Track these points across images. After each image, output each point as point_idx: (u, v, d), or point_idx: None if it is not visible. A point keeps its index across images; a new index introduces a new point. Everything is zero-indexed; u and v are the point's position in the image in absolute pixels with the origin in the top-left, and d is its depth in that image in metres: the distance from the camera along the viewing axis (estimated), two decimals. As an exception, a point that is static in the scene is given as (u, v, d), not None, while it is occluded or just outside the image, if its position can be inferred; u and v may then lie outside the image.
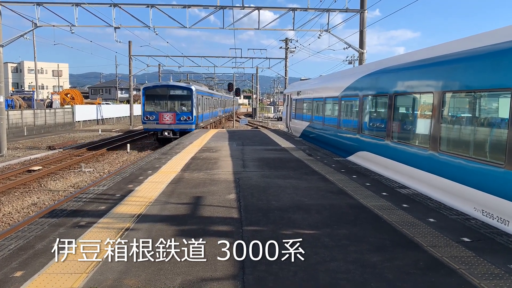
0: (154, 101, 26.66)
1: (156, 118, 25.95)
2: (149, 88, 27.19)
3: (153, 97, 26.66)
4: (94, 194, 7.77)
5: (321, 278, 4.24)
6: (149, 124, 26.38)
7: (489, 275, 4.29)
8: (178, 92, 26.81)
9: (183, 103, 26.66)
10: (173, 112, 26.14)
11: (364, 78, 12.25)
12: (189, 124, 26.15)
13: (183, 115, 26.10)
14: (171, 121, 25.92)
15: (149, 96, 26.57)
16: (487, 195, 6.29)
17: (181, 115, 26.12)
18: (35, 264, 4.48)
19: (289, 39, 43.74)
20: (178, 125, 26.05)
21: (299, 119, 21.99)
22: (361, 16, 21.35)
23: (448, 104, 7.81)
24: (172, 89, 26.88)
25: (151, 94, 26.62)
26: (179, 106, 26.66)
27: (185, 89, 26.92)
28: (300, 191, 8.19)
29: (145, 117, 26.22)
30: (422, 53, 9.04)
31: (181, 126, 25.93)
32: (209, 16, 22.78)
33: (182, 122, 26.04)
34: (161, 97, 26.63)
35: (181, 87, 27.13)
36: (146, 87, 27.21)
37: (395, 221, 6.19)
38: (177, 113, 26.08)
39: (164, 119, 25.93)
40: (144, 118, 26.40)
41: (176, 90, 26.85)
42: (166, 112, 26.07)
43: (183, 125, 25.98)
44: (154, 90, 26.80)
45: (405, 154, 9.09)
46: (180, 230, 5.70)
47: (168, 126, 25.96)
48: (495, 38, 6.54)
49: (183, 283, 4.09)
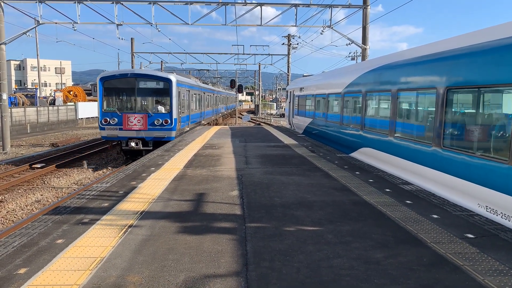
0: (116, 97, 19.33)
1: (119, 121, 18.37)
2: (108, 78, 19.02)
3: (114, 91, 19.19)
4: (97, 191, 7.79)
5: (325, 274, 4.23)
6: (109, 131, 18.56)
7: (493, 272, 4.28)
8: (151, 85, 18.89)
9: (159, 100, 19.16)
10: (143, 113, 18.52)
11: (367, 74, 12.21)
12: (167, 130, 18.59)
13: (158, 118, 18.48)
14: (140, 126, 18.30)
15: (109, 90, 19.06)
16: (491, 191, 6.27)
17: (156, 117, 18.51)
18: (39, 261, 4.50)
19: (291, 36, 43.64)
20: (151, 132, 18.48)
21: (302, 116, 21.95)
22: (364, 12, 21.27)
23: (452, 100, 7.76)
24: (141, 79, 18.76)
25: (112, 87, 19.02)
26: (153, 105, 19.20)
27: (161, 80, 19.01)
28: (303, 187, 8.18)
29: (103, 120, 18.52)
30: (426, 49, 8.99)
31: (155, 133, 18.47)
32: (211, 13, 22.75)
33: (156, 127, 18.43)
34: (126, 91, 19.13)
35: (155, 77, 19.08)
36: (104, 77, 19.02)
37: (399, 217, 6.17)
38: (149, 115, 18.46)
39: (131, 123, 18.33)
40: (101, 122, 18.58)
41: (148, 81, 18.86)
42: (133, 114, 18.44)
43: (158, 132, 18.51)
44: (116, 81, 18.97)
45: (409, 150, 9.06)
46: (183, 226, 5.71)
47: (136, 134, 18.37)
48: (499, 33, 6.49)
49: (186, 280, 4.09)
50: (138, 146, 18.47)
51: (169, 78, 19.04)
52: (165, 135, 18.57)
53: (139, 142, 18.49)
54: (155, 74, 19.37)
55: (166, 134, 18.58)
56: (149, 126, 18.48)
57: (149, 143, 18.61)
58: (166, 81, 18.96)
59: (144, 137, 18.50)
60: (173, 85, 18.91)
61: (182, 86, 21.02)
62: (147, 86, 18.88)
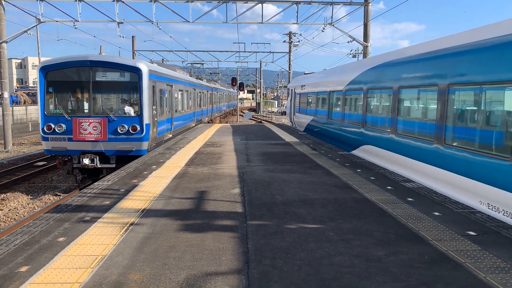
0: (64, 94, 13.81)
1: (68, 129, 12.96)
2: (52, 67, 13.43)
3: (61, 85, 13.67)
4: (99, 189, 7.80)
5: (326, 272, 4.23)
6: (54, 142, 13.14)
7: (495, 269, 4.27)
8: (113, 76, 13.46)
9: (125, 99, 13.78)
10: (102, 116, 13.07)
11: (368, 72, 12.18)
12: (135, 140, 13.23)
13: (122, 123, 13.12)
14: (97, 135, 12.94)
15: (54, 84, 13.50)
16: (493, 188, 6.25)
17: (119, 122, 13.13)
18: (40, 259, 4.50)
19: (292, 33, 43.57)
20: (113, 144, 13.13)
21: (303, 113, 21.93)
22: (365, 9, 21.22)
23: (453, 97, 7.74)
24: (100, 69, 13.34)
25: (58, 81, 13.49)
26: (118, 104, 13.86)
27: (126, 69, 13.46)
28: (304, 185, 8.17)
29: (46, 127, 13.11)
30: (427, 46, 8.96)
31: (119, 145, 13.14)
32: (212, 10, 22.72)
33: (121, 137, 13.13)
34: (78, 85, 13.68)
35: (118, 66, 13.40)
36: (46, 66, 13.46)
37: (400, 215, 6.16)
38: (111, 120, 13.02)
39: (84, 131, 12.92)
40: (43, 130, 13.17)
41: (109, 71, 13.39)
42: (88, 118, 13.02)
43: (123, 144, 13.13)
44: (63, 72, 13.41)
45: (410, 147, 9.04)
46: (184, 224, 5.71)
47: (92, 146, 13.05)
48: (501, 29, 6.46)
49: (187, 278, 4.09)
50: (94, 163, 12.96)
51: (138, 67, 13.36)
52: (133, 148, 13.11)
53: (95, 158, 12.97)
54: (118, 62, 13.41)
55: (133, 147, 13.13)
56: (110, 135, 13.01)
57: (110, 159, 13.14)
58: (133, 71, 13.34)
59: (103, 150, 13.02)
60: (143, 77, 13.35)
61: (160, 80, 15.65)
62: (108, 79, 13.33)
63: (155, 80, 14.66)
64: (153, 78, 14.40)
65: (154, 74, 14.70)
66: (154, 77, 14.58)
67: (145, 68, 13.64)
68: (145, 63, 14.49)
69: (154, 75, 14.78)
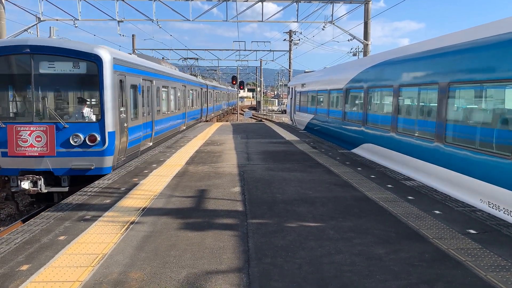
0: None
1: (1, 139, 9.47)
2: None
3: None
4: (99, 187, 7.81)
5: (326, 270, 4.23)
6: None
7: (496, 267, 4.27)
8: (63, 67, 9.84)
9: (83, 98, 10.36)
10: (47, 123, 9.59)
11: (369, 70, 12.17)
12: (94, 154, 9.80)
13: (77, 132, 9.69)
14: (42, 148, 9.48)
15: None
16: (494, 186, 6.25)
17: (72, 130, 9.68)
18: (41, 258, 4.51)
19: (293, 31, 43.52)
20: (64, 160, 9.65)
21: (304, 112, 21.93)
22: (365, 7, 21.18)
23: (454, 95, 7.73)
24: (43, 56, 9.78)
25: None
26: (72, 106, 10.45)
27: (80, 57, 9.83)
28: (304, 183, 8.17)
29: None
30: (428, 44, 8.95)
31: (73, 161, 9.66)
32: (212, 9, 22.68)
33: (74, 150, 9.69)
34: (13, 80, 10.10)
35: (68, 53, 9.77)
36: None
37: (401, 213, 6.16)
38: (60, 127, 9.62)
39: (24, 142, 9.43)
40: None
41: (57, 60, 9.80)
42: (29, 125, 9.51)
43: (78, 160, 9.68)
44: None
45: (411, 146, 9.03)
46: (185, 223, 5.71)
47: (36, 163, 9.54)
48: (501, 28, 6.45)
49: (188, 276, 4.09)
50: (38, 187, 9.35)
51: (96, 54, 9.69)
52: (91, 165, 9.53)
53: (39, 180, 9.33)
54: (69, 47, 9.70)
55: (92, 163, 9.55)
56: (59, 148, 9.50)
57: (62, 180, 9.70)
58: (91, 60, 9.71)
59: (50, 169, 9.51)
60: (105, 67, 9.75)
61: (133, 72, 11.93)
62: (56, 71, 9.74)
63: (124, 73, 10.99)
64: (121, 69, 10.75)
65: (122, 64, 10.92)
66: (122, 69, 10.92)
67: (107, 56, 9.82)
68: (108, 48, 10.35)
69: (123, 65, 11.00)
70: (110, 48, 10.69)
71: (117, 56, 10.69)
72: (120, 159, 10.57)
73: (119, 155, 10.42)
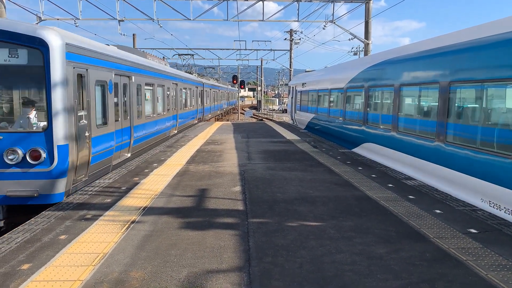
0: None
1: None
2: None
3: None
4: (100, 187, 7.80)
5: (327, 269, 4.23)
6: None
7: (497, 266, 4.26)
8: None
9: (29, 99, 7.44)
10: None
11: (369, 69, 12.16)
12: (39, 177, 6.83)
13: (14, 146, 6.76)
14: None
15: None
16: (495, 186, 6.24)
17: (7, 143, 6.75)
18: (42, 257, 4.51)
19: (293, 31, 43.47)
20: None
21: (304, 111, 21.92)
22: (366, 7, 21.16)
23: (455, 94, 7.72)
24: None
25: None
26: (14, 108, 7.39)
27: (19, 42, 6.89)
28: (305, 183, 8.17)
29: None
30: (428, 43, 8.94)
31: (8, 186, 6.73)
32: (213, 8, 22.67)
33: (10, 170, 6.75)
34: None
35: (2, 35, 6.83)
36: None
37: (401, 212, 6.16)
38: None
39: None
40: None
41: None
42: None
43: (16, 185, 6.77)
44: None
45: (411, 145, 9.03)
46: (185, 222, 5.71)
47: None
48: (502, 27, 6.44)
49: (189, 275, 4.09)
50: None
51: (41, 38, 6.96)
52: (35, 192, 6.86)
53: None
54: (2, 28, 6.96)
55: (36, 189, 6.89)
56: None
57: None
58: (33, 46, 7.02)
59: None
60: (52, 56, 7.06)
61: (100, 65, 9.15)
62: None
63: (85, 65, 8.22)
64: (80, 60, 7.95)
65: (82, 53, 8.09)
66: (82, 59, 8.10)
67: (56, 40, 7.12)
68: (61, 31, 7.53)
69: (83, 55, 8.16)
70: (64, 31, 7.74)
71: (73, 41, 7.70)
72: (79, 179, 7.80)
73: (77, 175, 7.63)
